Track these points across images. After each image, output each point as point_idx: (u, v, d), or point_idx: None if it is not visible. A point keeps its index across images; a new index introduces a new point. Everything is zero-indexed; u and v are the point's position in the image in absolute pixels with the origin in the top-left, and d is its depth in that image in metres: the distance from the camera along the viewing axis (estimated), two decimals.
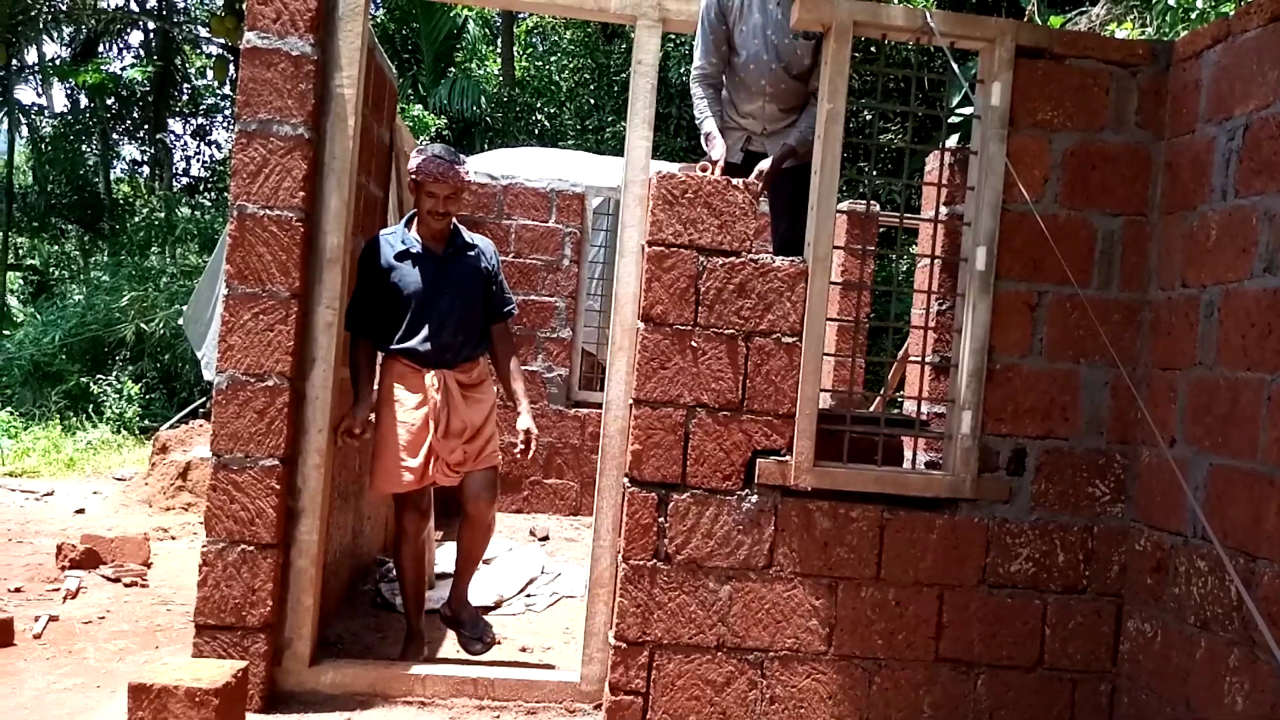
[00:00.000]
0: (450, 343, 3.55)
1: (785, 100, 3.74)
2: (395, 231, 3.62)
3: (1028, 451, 3.33)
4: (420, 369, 3.52)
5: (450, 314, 3.55)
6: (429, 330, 3.50)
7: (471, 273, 3.64)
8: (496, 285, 3.74)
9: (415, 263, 3.53)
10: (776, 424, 3.23)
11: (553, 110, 15.31)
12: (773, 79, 3.68)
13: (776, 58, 3.66)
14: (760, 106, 3.75)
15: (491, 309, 3.72)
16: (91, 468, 8.22)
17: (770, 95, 3.72)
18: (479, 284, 3.65)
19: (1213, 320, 3.04)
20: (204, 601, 3.11)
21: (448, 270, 3.57)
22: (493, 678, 3.31)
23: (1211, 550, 2.96)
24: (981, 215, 3.28)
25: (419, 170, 3.46)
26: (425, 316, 3.51)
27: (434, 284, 3.53)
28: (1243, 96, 2.98)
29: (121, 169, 19.38)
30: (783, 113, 3.76)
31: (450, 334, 3.54)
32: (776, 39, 3.65)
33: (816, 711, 3.26)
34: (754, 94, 3.74)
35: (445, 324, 3.53)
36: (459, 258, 3.63)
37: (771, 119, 3.77)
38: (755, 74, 3.70)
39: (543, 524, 6.27)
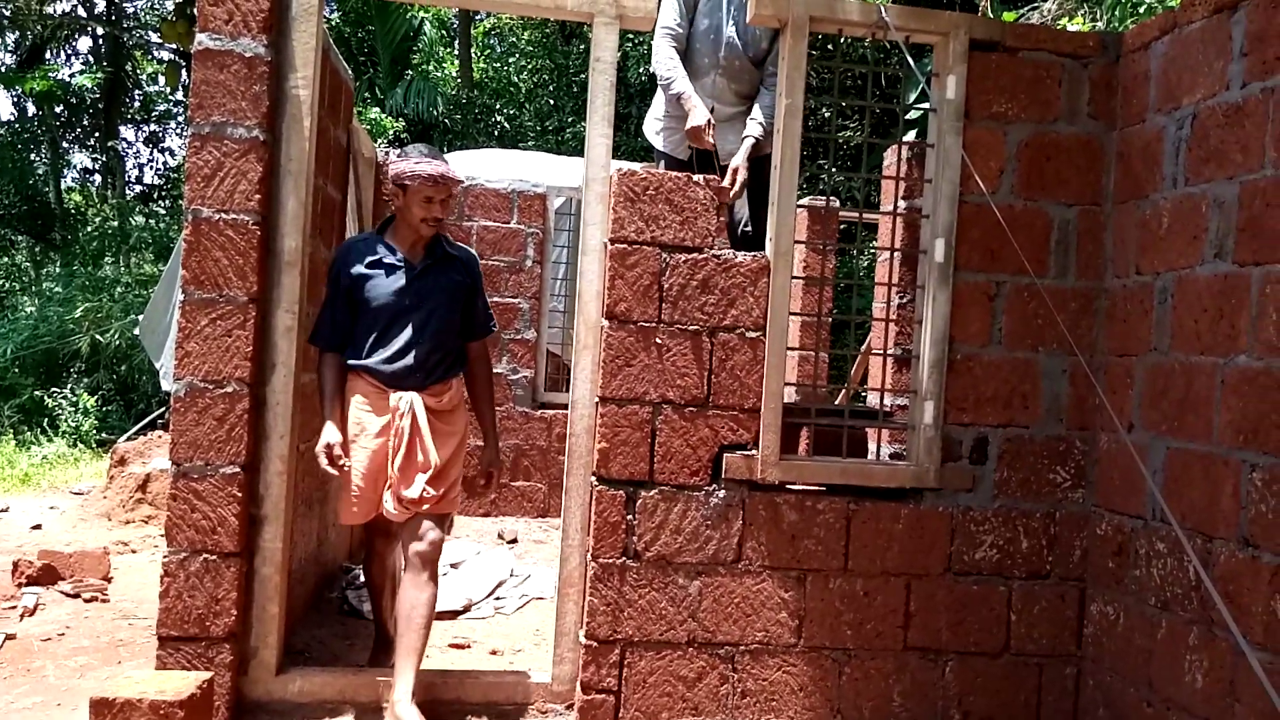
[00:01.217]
0: (421, 362, 3.21)
1: (737, 80, 3.73)
2: (368, 238, 3.33)
3: (989, 440, 3.38)
4: (385, 389, 3.20)
5: (424, 331, 3.21)
6: (398, 347, 3.19)
7: (451, 287, 3.29)
8: (476, 299, 3.39)
9: (389, 273, 3.22)
10: (742, 419, 3.25)
11: (512, 111, 15.26)
12: (728, 54, 3.68)
13: (737, 33, 3.67)
14: (711, 80, 3.74)
15: (470, 325, 3.39)
16: (48, 482, 8.04)
17: (723, 70, 3.72)
18: (458, 299, 3.31)
19: (1166, 306, 3.10)
20: (166, 612, 3.06)
21: (425, 283, 3.24)
22: (463, 680, 3.29)
23: (1170, 532, 3.01)
24: (939, 207, 3.32)
25: (412, 175, 3.13)
26: (394, 332, 3.20)
27: (407, 297, 3.21)
28: (1190, 86, 3.04)
29: (73, 178, 19.04)
30: (733, 94, 3.76)
31: (423, 352, 3.21)
32: (738, 15, 3.66)
33: (788, 703, 3.27)
34: (706, 67, 3.73)
35: (417, 341, 3.20)
36: (439, 270, 3.29)
37: (720, 97, 3.75)
38: (713, 45, 3.70)
39: (511, 526, 6.24)
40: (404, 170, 3.14)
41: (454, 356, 3.34)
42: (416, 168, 3.13)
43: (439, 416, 3.25)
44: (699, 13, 3.73)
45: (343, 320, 3.24)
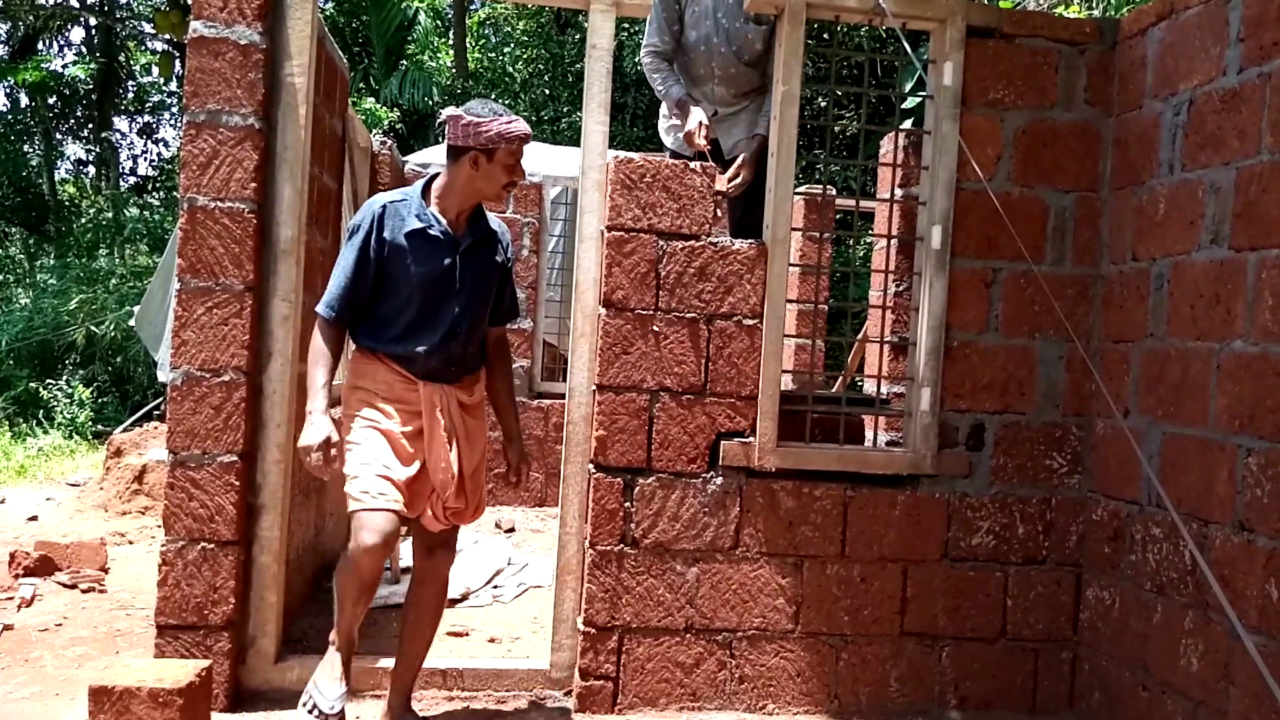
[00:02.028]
0: (459, 353, 2.84)
1: (735, 85, 3.75)
2: (408, 200, 2.81)
3: (986, 426, 3.38)
4: (413, 380, 2.79)
5: (464, 317, 2.82)
6: (441, 335, 2.78)
7: (490, 267, 2.91)
8: (508, 280, 3.02)
9: (434, 246, 2.78)
10: (739, 406, 3.25)
11: (507, 102, 15.20)
12: (722, 63, 3.69)
13: (727, 41, 3.67)
14: (710, 89, 3.76)
15: (497, 311, 3.00)
16: (44, 474, 8.03)
17: (719, 79, 3.73)
18: (494, 282, 2.93)
19: (1163, 292, 3.10)
20: (164, 601, 3.06)
21: (468, 262, 2.83)
22: (461, 668, 3.30)
23: (1166, 517, 3.02)
24: (936, 194, 3.32)
25: (502, 136, 2.69)
26: (434, 317, 2.78)
27: (451, 278, 2.80)
28: (1187, 72, 3.04)
29: (66, 169, 18.94)
30: (733, 97, 3.77)
31: (461, 343, 2.83)
32: (728, 23, 3.65)
33: (785, 689, 3.29)
34: (703, 77, 3.76)
35: (457, 330, 2.81)
36: (483, 247, 2.89)
37: (721, 102, 3.78)
38: (705, 56, 3.71)
39: (508, 516, 6.24)
40: (493, 131, 2.69)
41: (481, 345, 2.98)
42: (509, 128, 2.70)
43: (468, 411, 2.91)
44: (686, 25, 3.74)
45: (364, 292, 2.78)
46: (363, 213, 2.81)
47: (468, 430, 2.87)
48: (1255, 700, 2.63)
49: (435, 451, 2.79)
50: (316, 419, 2.67)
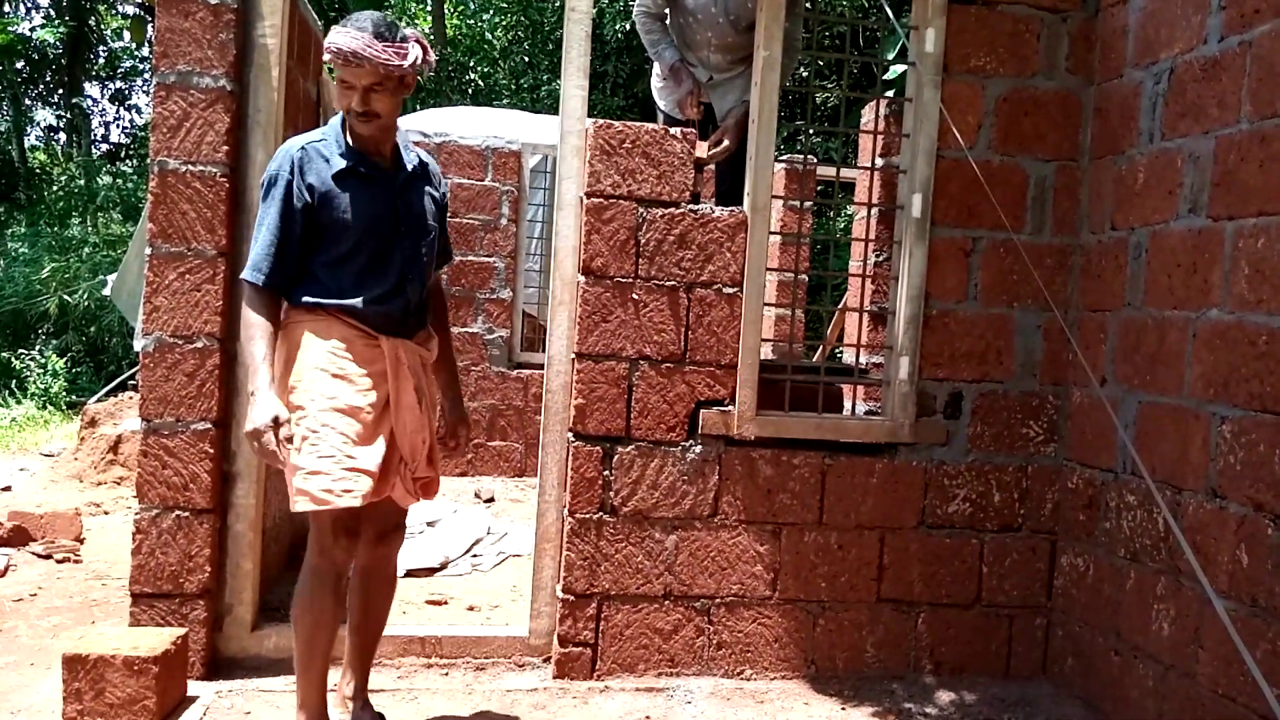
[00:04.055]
0: (415, 302, 2.59)
1: (731, 51, 3.71)
2: (327, 138, 2.52)
3: (964, 395, 3.40)
4: (375, 336, 2.50)
5: (413, 261, 2.57)
6: (392, 283, 2.52)
7: (428, 203, 2.63)
8: (444, 220, 2.76)
9: (366, 185, 2.50)
10: (719, 375, 3.24)
11: (486, 69, 15.04)
12: (719, 30, 3.66)
13: (725, 10, 3.64)
14: (705, 55, 3.73)
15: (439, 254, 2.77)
16: (17, 444, 7.94)
17: (715, 46, 3.70)
18: (435, 219, 2.66)
19: (1140, 261, 3.11)
20: (139, 569, 3.04)
21: (406, 200, 2.57)
22: (440, 636, 3.30)
23: (1141, 485, 3.05)
24: (917, 162, 3.31)
25: (328, 48, 2.40)
26: (384, 263, 2.51)
27: (394, 217, 2.54)
28: (1168, 40, 3.03)
29: (36, 136, 18.61)
30: (728, 64, 3.74)
31: (416, 289, 2.58)
32: None
33: (763, 655, 3.31)
34: (699, 43, 3.72)
35: (409, 275, 2.55)
36: (416, 183, 2.62)
37: (716, 68, 3.75)
38: (702, 23, 3.67)
39: (488, 486, 6.24)
40: (325, 44, 2.42)
41: (427, 296, 2.72)
42: (333, 39, 2.39)
43: (427, 371, 2.67)
44: None
45: (295, 249, 2.47)
46: (277, 160, 2.48)
47: (430, 391, 2.66)
48: (1224, 663, 2.68)
49: (404, 416, 2.51)
50: (261, 397, 2.37)
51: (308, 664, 2.53)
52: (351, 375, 2.45)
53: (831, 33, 11.43)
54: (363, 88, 2.40)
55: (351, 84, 2.41)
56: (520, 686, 3.17)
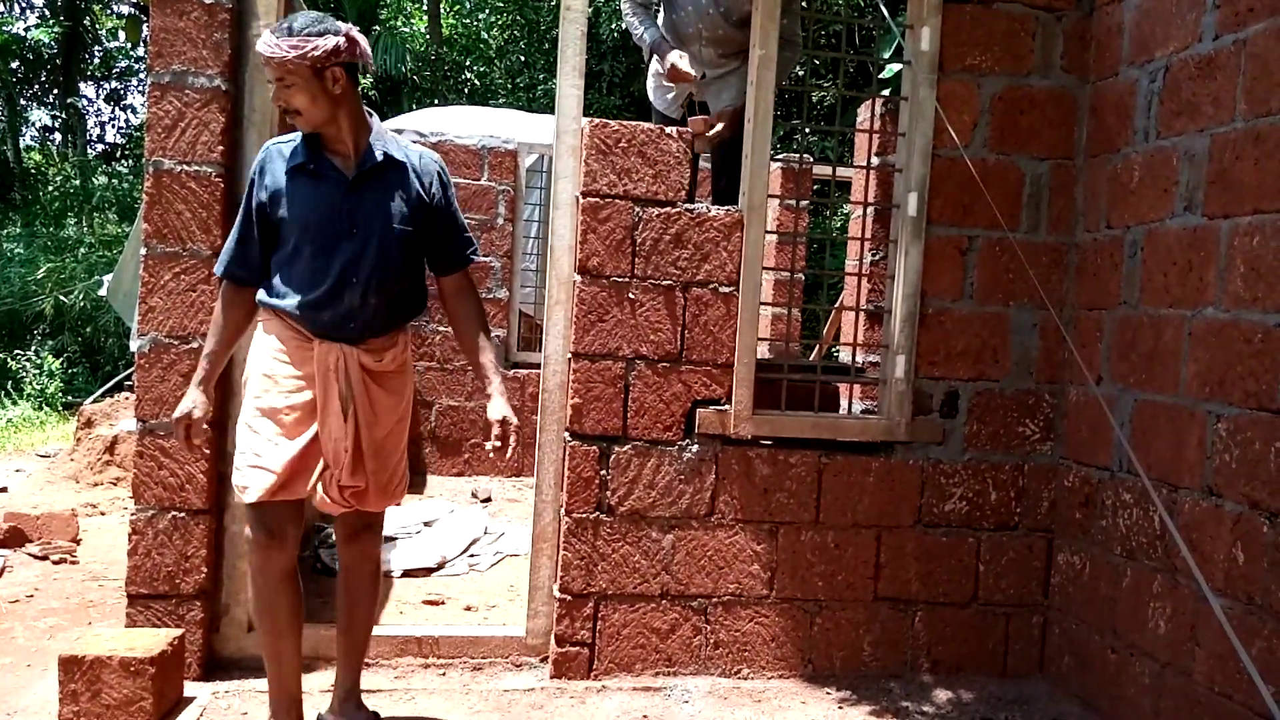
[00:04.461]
0: (358, 306, 2.48)
1: (723, 45, 3.71)
2: (296, 138, 2.53)
3: (960, 394, 3.40)
4: (309, 337, 2.49)
5: (359, 263, 2.46)
6: (329, 285, 2.45)
7: (395, 202, 2.51)
8: (444, 219, 2.61)
9: (317, 183, 2.48)
10: (715, 374, 3.24)
11: (482, 69, 15.04)
12: (710, 23, 3.66)
13: (714, 2, 3.64)
14: (697, 50, 3.73)
15: (442, 254, 2.64)
16: (13, 446, 7.93)
17: (706, 39, 3.70)
18: (408, 219, 2.53)
19: (1136, 260, 3.12)
20: (135, 570, 3.03)
21: (364, 198, 2.49)
22: (437, 635, 3.29)
23: (1137, 483, 3.06)
24: (912, 161, 3.31)
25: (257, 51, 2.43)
26: (325, 264, 2.46)
27: (337, 216, 2.47)
28: (1163, 39, 3.04)
29: (31, 136, 18.57)
30: (720, 58, 3.74)
31: (358, 293, 2.47)
32: None
33: (760, 654, 3.31)
34: (690, 37, 3.72)
35: (351, 277, 2.46)
36: (381, 180, 2.51)
37: (709, 63, 3.75)
38: (693, 15, 3.67)
39: (484, 486, 6.24)
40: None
41: (402, 301, 2.60)
42: (257, 41, 2.42)
43: (377, 379, 2.55)
44: None
45: (255, 246, 2.52)
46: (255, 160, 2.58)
47: (372, 400, 2.52)
48: (1220, 661, 2.68)
49: (329, 421, 2.48)
50: (188, 391, 2.51)
51: (270, 664, 2.58)
52: (278, 376, 2.48)
53: (827, 31, 11.44)
54: (277, 84, 2.41)
55: (271, 81, 2.44)
56: (517, 686, 3.17)
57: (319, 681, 3.08)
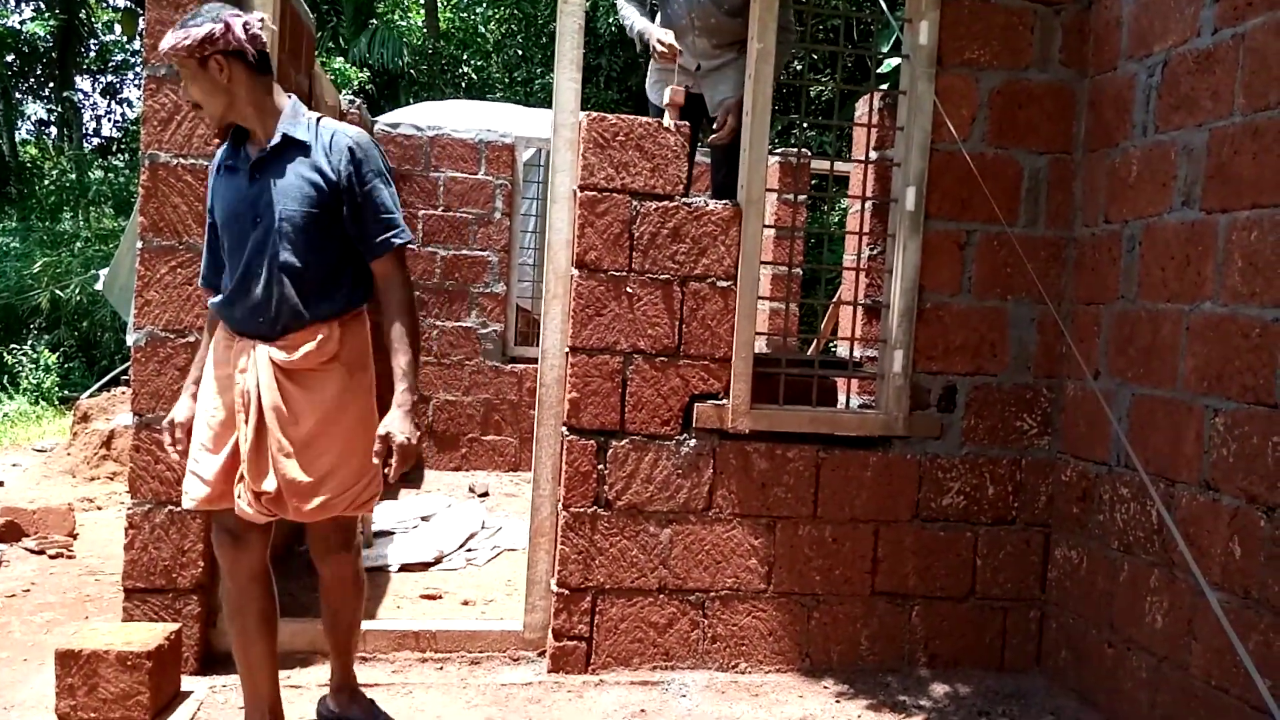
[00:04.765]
0: (264, 300, 2.35)
1: (716, 35, 3.70)
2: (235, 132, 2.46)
3: (958, 388, 3.40)
4: (234, 337, 2.43)
5: (261, 253, 2.35)
6: (237, 280, 2.38)
7: (296, 184, 2.34)
8: (355, 200, 2.37)
9: (231, 179, 2.41)
10: (713, 368, 3.24)
11: (479, 62, 15.00)
12: (701, 12, 3.65)
13: None
14: (691, 41, 3.72)
15: (358, 239, 2.41)
16: (9, 440, 7.91)
17: (699, 29, 3.69)
18: (313, 201, 2.34)
19: (1134, 254, 3.11)
20: (132, 565, 3.03)
21: (263, 186, 2.35)
22: (435, 630, 3.29)
23: (1134, 478, 3.06)
24: (911, 155, 3.30)
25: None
26: (236, 257, 2.38)
27: (243, 207, 2.37)
28: (1162, 33, 3.03)
29: (27, 130, 18.50)
30: (714, 49, 3.73)
31: (262, 285, 2.35)
32: None
33: (758, 648, 3.31)
34: (684, 28, 3.72)
35: (254, 268, 2.35)
36: (277, 163, 2.36)
37: (704, 54, 3.74)
38: (684, 6, 3.67)
39: (482, 480, 6.23)
40: None
41: (317, 290, 2.39)
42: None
43: (292, 377, 2.38)
44: None
45: (214, 253, 2.51)
46: None
47: (287, 399, 2.36)
48: (1217, 655, 2.68)
49: (236, 423, 2.40)
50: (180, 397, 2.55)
51: (241, 670, 2.53)
52: (208, 380, 2.47)
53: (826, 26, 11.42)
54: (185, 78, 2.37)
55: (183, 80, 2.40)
56: (515, 680, 3.17)
57: (318, 675, 3.08)
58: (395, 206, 2.44)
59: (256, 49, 2.35)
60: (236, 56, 2.32)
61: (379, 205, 2.40)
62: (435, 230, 6.51)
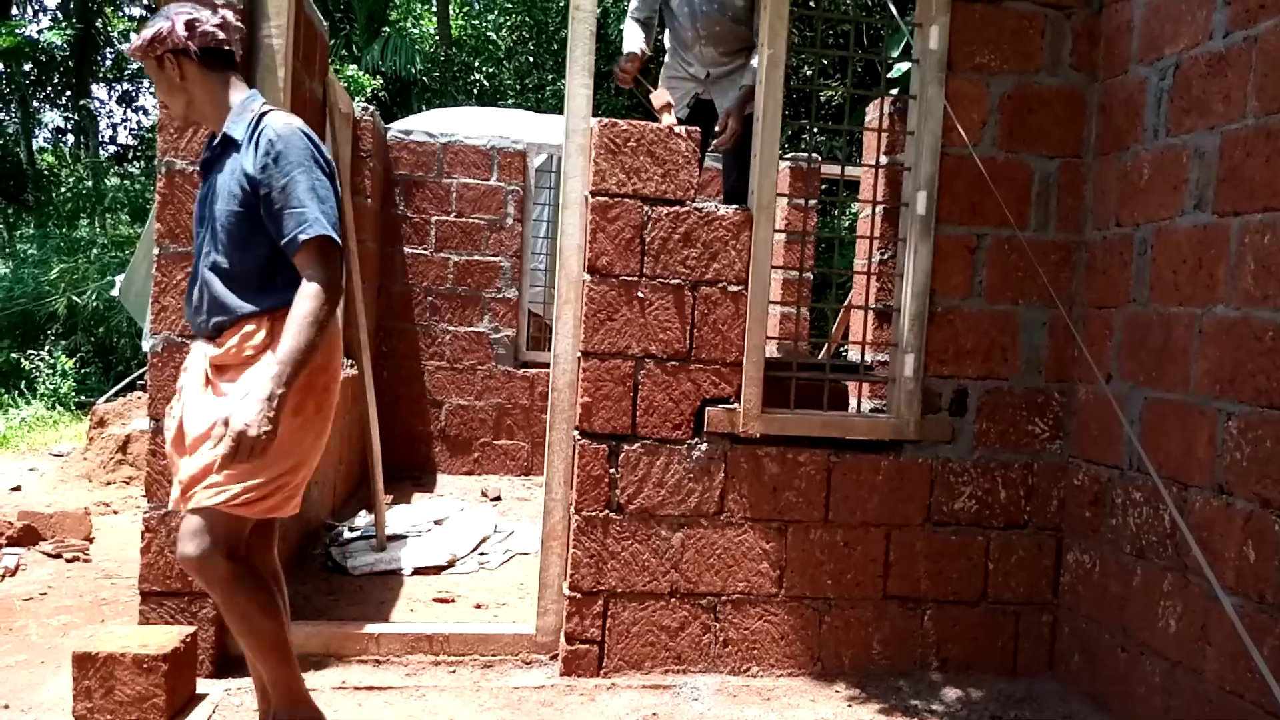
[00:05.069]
0: (198, 297, 2.38)
1: (723, 43, 3.74)
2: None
3: (969, 392, 3.39)
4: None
5: (202, 250, 2.39)
6: (189, 281, 2.45)
7: (229, 180, 2.33)
8: (267, 193, 2.28)
9: (202, 178, 2.48)
10: (724, 373, 3.25)
11: (491, 69, 15.07)
12: (706, 21, 3.70)
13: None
14: (699, 51, 3.77)
15: (273, 233, 2.31)
16: (26, 445, 7.98)
17: (705, 38, 3.74)
18: (239, 199, 2.30)
19: (1146, 258, 3.11)
20: (148, 568, 3.05)
21: (210, 185, 2.39)
22: (448, 633, 3.31)
23: (1147, 481, 3.05)
24: (921, 160, 3.31)
25: None
26: (194, 261, 2.45)
27: (198, 210, 2.44)
28: (1173, 36, 3.03)
29: (44, 138, 18.69)
30: (722, 56, 3.77)
31: (197, 285, 2.39)
32: None
33: (769, 652, 3.31)
34: (691, 39, 3.76)
35: (195, 270, 2.40)
36: (219, 161, 2.38)
37: (712, 62, 3.79)
38: (689, 16, 3.72)
39: (494, 484, 6.26)
40: None
41: (251, 287, 2.33)
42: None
43: (224, 374, 2.34)
44: None
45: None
46: None
47: (208, 394, 2.34)
48: (1231, 659, 2.67)
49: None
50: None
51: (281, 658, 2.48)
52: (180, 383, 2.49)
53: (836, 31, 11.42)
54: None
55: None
56: (527, 684, 3.18)
57: (331, 679, 3.10)
58: (312, 200, 2.28)
59: (204, 45, 2.33)
60: (185, 54, 2.32)
61: (290, 199, 2.27)
62: (448, 236, 6.55)
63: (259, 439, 2.17)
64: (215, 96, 2.38)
